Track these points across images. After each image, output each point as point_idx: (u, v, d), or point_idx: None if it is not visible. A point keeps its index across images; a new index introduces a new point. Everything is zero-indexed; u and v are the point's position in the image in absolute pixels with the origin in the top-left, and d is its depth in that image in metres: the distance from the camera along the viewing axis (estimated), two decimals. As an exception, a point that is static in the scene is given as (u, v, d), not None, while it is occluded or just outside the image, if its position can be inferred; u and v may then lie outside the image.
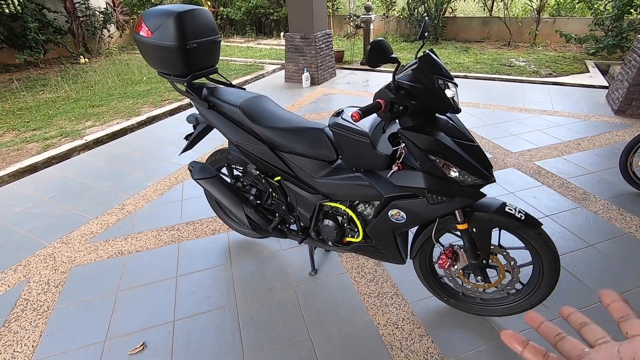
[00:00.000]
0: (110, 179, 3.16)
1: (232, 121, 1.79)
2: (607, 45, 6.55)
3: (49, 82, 6.13)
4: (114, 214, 2.67)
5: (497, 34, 8.79)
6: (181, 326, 1.78)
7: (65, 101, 5.24)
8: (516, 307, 1.60)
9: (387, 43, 1.27)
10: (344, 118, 1.50)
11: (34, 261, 2.23)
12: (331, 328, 1.74)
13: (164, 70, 1.76)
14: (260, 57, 8.05)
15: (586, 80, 5.52)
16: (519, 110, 4.44)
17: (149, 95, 5.44)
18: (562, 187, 2.79)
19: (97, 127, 4.29)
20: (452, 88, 1.25)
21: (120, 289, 2.01)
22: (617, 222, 2.38)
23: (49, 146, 3.80)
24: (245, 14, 10.65)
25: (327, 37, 5.97)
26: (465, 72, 6.20)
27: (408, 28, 9.37)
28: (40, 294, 1.98)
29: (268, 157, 1.74)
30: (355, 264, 2.12)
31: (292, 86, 5.87)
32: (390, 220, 1.49)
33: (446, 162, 1.28)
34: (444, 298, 1.77)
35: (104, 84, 6.07)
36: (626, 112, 4.13)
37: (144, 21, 1.64)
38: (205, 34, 1.71)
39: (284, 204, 1.85)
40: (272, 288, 1.98)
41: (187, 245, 2.33)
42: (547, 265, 1.44)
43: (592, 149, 3.39)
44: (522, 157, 3.26)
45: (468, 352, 1.60)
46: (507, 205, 1.42)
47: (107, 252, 2.29)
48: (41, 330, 1.78)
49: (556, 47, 7.97)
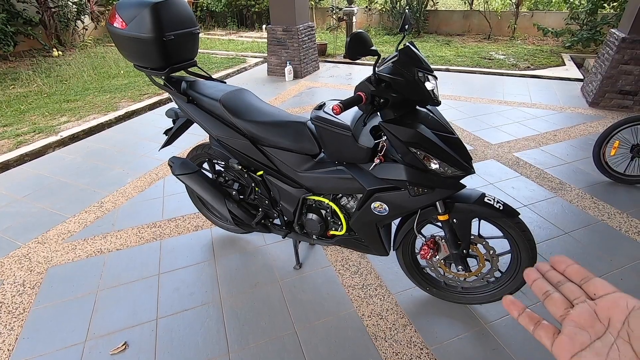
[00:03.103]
0: (88, 176, 3.07)
1: (212, 115, 1.76)
2: (581, 38, 6.73)
3: (19, 76, 5.87)
4: (93, 212, 2.59)
5: (478, 27, 8.90)
6: (165, 324, 1.75)
7: (38, 96, 5.04)
8: (496, 294, 1.65)
9: (367, 35, 1.27)
10: (325, 111, 1.50)
11: (7, 262, 2.15)
12: (316, 321, 1.75)
13: (141, 63, 1.71)
14: (242, 50, 7.92)
15: (562, 73, 5.67)
16: (499, 103, 4.53)
17: (127, 89, 5.28)
18: (539, 177, 2.87)
19: (72, 123, 4.14)
20: (432, 81, 1.26)
21: (100, 288, 1.96)
22: (591, 210, 2.47)
23: (21, 143, 3.66)
24: (226, 6, 10.43)
25: (310, 29, 5.92)
26: (446, 65, 6.27)
27: (390, 21, 9.39)
28: (15, 296, 1.92)
29: (250, 151, 1.72)
30: (339, 256, 2.13)
31: (275, 79, 5.81)
32: (373, 212, 1.51)
33: (427, 154, 1.30)
34: (427, 288, 1.80)
35: (79, 77, 5.86)
36: (600, 104, 4.27)
37: (118, 12, 1.59)
38: (182, 25, 1.67)
39: (267, 199, 1.84)
40: (257, 283, 1.98)
41: (170, 242, 2.29)
42: (524, 253, 1.48)
43: (567, 140, 3.49)
44: (501, 149, 3.33)
45: (450, 340, 1.64)
46: (486, 196, 1.45)
47: (86, 251, 2.23)
48: (17, 333, 1.72)
49: (534, 40, 8.15)
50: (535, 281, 0.42)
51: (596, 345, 0.34)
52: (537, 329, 0.39)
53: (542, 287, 0.41)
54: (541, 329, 0.39)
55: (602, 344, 0.34)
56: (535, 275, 0.43)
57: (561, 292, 0.40)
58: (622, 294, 0.36)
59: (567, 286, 0.40)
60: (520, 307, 0.41)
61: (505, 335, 1.64)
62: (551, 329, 0.38)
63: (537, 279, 0.42)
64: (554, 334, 0.37)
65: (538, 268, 0.44)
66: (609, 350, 0.33)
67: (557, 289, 0.40)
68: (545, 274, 0.43)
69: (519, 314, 0.41)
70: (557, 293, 0.40)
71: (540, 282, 0.42)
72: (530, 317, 0.40)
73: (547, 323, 0.39)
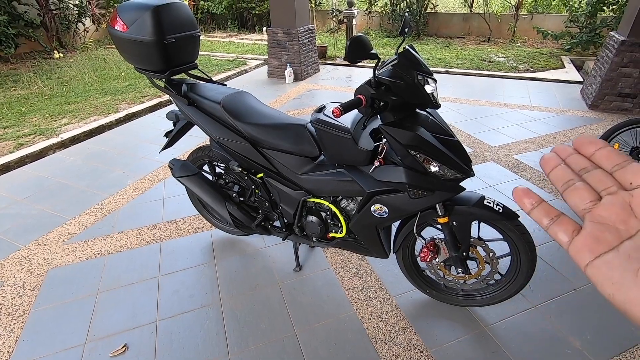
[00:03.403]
0: (89, 178, 3.07)
1: (212, 118, 1.76)
2: (581, 41, 6.75)
3: (20, 78, 5.88)
4: (93, 214, 2.60)
5: (478, 30, 8.93)
6: (164, 326, 1.75)
7: (39, 98, 5.05)
8: (495, 297, 1.65)
9: (367, 39, 1.28)
10: (325, 114, 1.50)
11: (7, 264, 2.15)
12: (316, 323, 1.75)
13: (141, 66, 1.72)
14: (242, 52, 7.94)
15: (562, 75, 5.68)
16: (498, 105, 4.53)
17: (128, 91, 5.29)
18: (539, 179, 2.88)
19: (73, 125, 4.15)
20: (431, 84, 1.27)
21: (100, 290, 1.97)
22: (591, 212, 2.47)
23: (22, 145, 3.66)
24: (226, 8, 10.46)
25: (310, 32, 5.94)
26: (446, 68, 6.29)
27: (391, 24, 9.42)
28: (15, 298, 1.92)
29: (250, 153, 1.73)
30: (339, 259, 2.13)
31: (276, 82, 5.83)
32: (373, 215, 1.51)
33: (426, 157, 1.30)
34: (427, 290, 1.80)
35: (80, 79, 5.87)
36: (599, 107, 4.28)
37: (119, 15, 1.60)
38: (183, 28, 1.67)
39: (267, 201, 1.85)
40: (257, 285, 1.98)
41: (170, 244, 2.29)
42: (524, 256, 1.48)
43: (567, 142, 3.50)
44: (501, 151, 3.34)
45: (450, 342, 1.64)
46: (486, 199, 1.45)
47: (86, 253, 2.23)
48: (17, 335, 1.72)
49: (534, 43, 8.17)
50: (554, 169, 0.33)
51: (627, 246, 0.27)
52: (554, 224, 0.31)
53: (562, 176, 0.32)
54: (559, 224, 0.30)
55: (635, 244, 0.26)
56: (555, 161, 0.33)
57: (587, 181, 0.31)
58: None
59: (595, 174, 0.31)
60: (536, 198, 0.32)
61: (505, 338, 1.64)
62: (571, 225, 0.30)
63: (558, 166, 0.33)
64: (574, 231, 0.30)
65: (558, 152, 0.34)
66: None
67: (581, 178, 0.31)
68: (566, 159, 0.33)
69: (532, 206, 0.32)
70: (582, 182, 0.31)
71: (562, 170, 0.32)
72: (546, 210, 0.32)
73: (567, 217, 0.31)
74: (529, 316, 1.74)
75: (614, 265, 0.26)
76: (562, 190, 0.32)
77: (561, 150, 0.34)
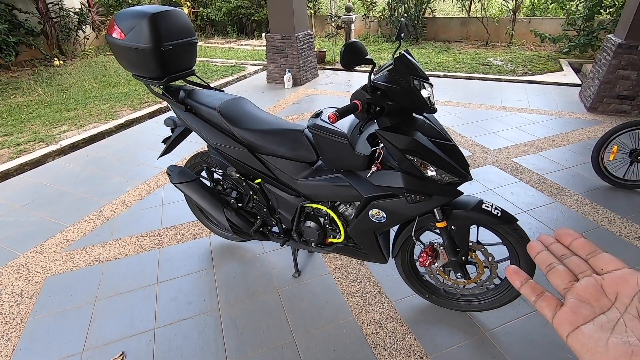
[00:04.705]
0: (87, 185, 3.07)
1: (210, 124, 1.77)
2: (579, 44, 6.78)
3: (21, 86, 5.91)
4: (91, 221, 2.59)
5: (476, 34, 8.97)
6: (162, 333, 1.74)
7: (39, 105, 5.07)
8: (495, 301, 1.64)
9: (361, 44, 1.28)
10: (322, 119, 1.50)
11: (5, 272, 2.14)
12: (315, 329, 1.74)
13: (139, 73, 1.72)
14: (241, 58, 7.98)
15: (560, 78, 5.70)
16: (497, 109, 4.54)
17: (128, 97, 5.31)
18: (539, 182, 2.87)
19: (72, 132, 4.16)
20: (427, 88, 1.27)
21: (98, 298, 1.95)
22: (590, 215, 2.46)
23: (21, 152, 3.67)
24: (225, 15, 10.53)
25: (309, 37, 5.97)
26: (445, 72, 6.31)
27: (389, 28, 9.47)
28: (12, 306, 1.91)
29: (248, 159, 1.72)
30: (338, 264, 2.12)
31: (275, 87, 5.85)
32: (371, 220, 1.50)
33: (423, 161, 1.30)
34: (426, 295, 1.79)
35: (80, 86, 5.90)
36: (598, 109, 4.29)
37: (117, 23, 1.60)
38: (180, 35, 1.68)
39: (266, 207, 1.84)
40: (256, 291, 1.97)
41: (168, 250, 2.28)
42: (523, 259, 1.47)
43: (566, 145, 3.50)
44: (500, 155, 3.34)
45: (450, 348, 1.62)
46: (484, 203, 1.45)
47: (84, 260, 2.22)
48: (14, 343, 1.71)
49: (532, 46, 8.20)
50: (539, 253, 0.40)
51: (600, 320, 0.32)
52: (539, 300, 0.37)
53: (546, 260, 0.39)
54: (543, 300, 0.37)
55: (607, 318, 0.32)
56: (539, 247, 0.41)
57: (566, 265, 0.38)
58: (632, 270, 0.34)
59: (573, 260, 0.38)
60: (524, 276, 0.39)
61: (505, 343, 1.63)
62: (554, 301, 0.36)
63: (541, 252, 0.40)
64: (557, 306, 0.35)
65: (542, 240, 0.42)
66: (615, 325, 0.31)
67: (561, 262, 0.38)
68: (549, 246, 0.41)
69: (521, 283, 0.39)
70: (562, 266, 0.38)
71: (545, 255, 0.40)
72: (532, 287, 0.38)
73: (550, 294, 0.37)
74: (529, 321, 1.73)
75: (589, 335, 0.32)
76: (546, 271, 0.38)
77: (545, 239, 0.42)
